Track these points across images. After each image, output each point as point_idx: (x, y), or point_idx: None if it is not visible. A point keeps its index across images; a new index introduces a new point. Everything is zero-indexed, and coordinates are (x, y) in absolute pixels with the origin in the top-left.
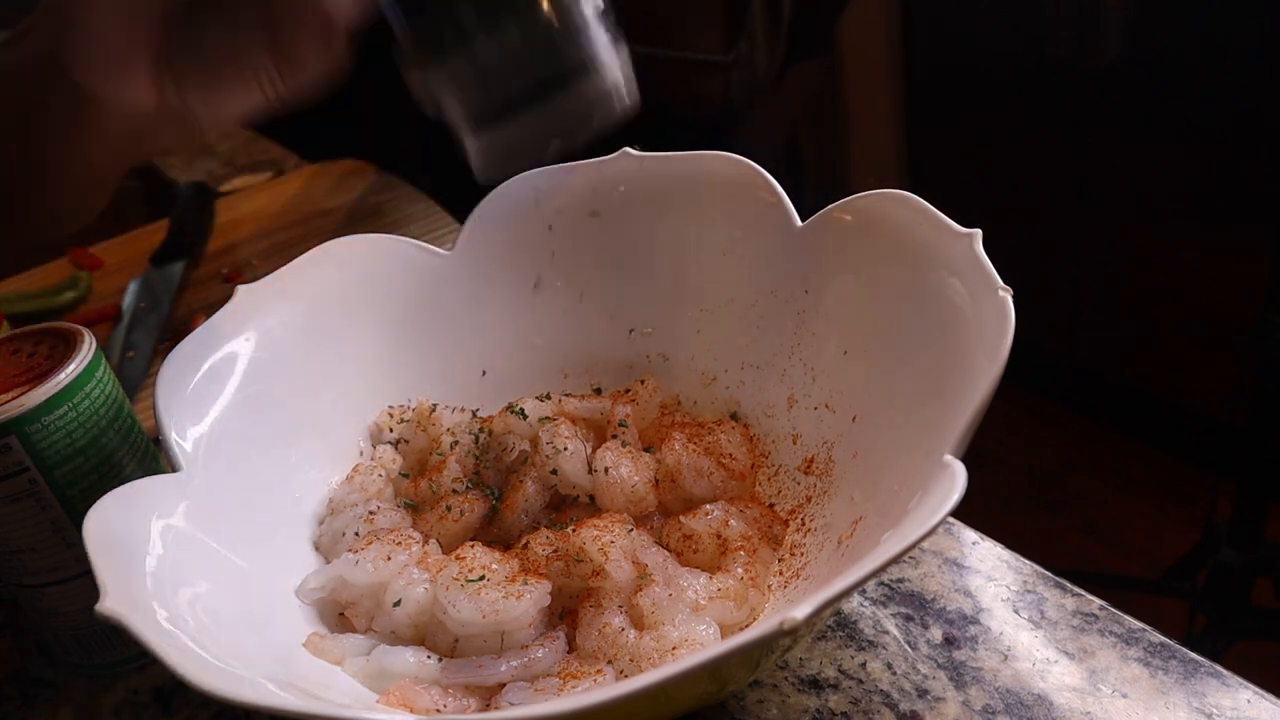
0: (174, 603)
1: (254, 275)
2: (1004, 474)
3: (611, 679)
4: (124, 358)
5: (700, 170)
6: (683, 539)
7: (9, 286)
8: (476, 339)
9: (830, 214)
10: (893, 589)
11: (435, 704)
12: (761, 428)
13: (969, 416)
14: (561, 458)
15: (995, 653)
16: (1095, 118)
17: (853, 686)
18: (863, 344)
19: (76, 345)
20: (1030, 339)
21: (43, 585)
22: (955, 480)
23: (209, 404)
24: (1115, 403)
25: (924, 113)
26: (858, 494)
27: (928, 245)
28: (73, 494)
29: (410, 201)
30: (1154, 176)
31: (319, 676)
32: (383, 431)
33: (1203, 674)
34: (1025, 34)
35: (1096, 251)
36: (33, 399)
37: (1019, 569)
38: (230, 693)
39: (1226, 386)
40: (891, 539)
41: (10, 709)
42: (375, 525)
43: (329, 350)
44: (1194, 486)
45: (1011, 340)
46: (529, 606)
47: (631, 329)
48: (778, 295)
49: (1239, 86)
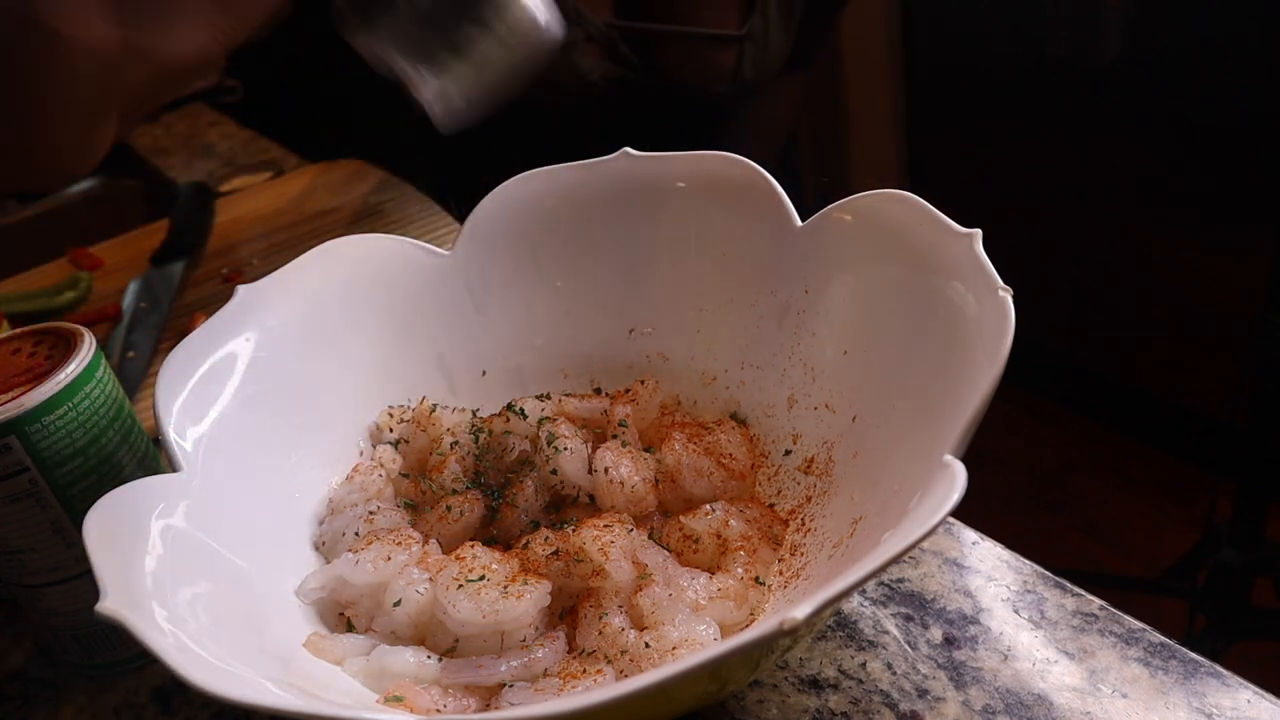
0: (174, 603)
1: (254, 275)
2: (1004, 474)
3: (611, 679)
4: (124, 358)
5: (700, 170)
6: (683, 539)
7: (9, 286)
8: (476, 339)
9: (830, 214)
10: (893, 589)
11: (435, 704)
12: (761, 428)
13: (969, 416)
14: (561, 458)
15: (995, 653)
16: (1095, 118)
17: (853, 686)
18: (863, 344)
19: (76, 345)
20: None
21: (43, 585)
22: (955, 480)
23: (209, 404)
24: (1115, 403)
25: (924, 113)
26: (858, 494)
27: (928, 245)
28: (73, 494)
29: (410, 201)
30: (1154, 176)
31: (319, 676)
32: (383, 431)
33: (1203, 674)
34: (1025, 34)
35: (1096, 251)
36: (33, 399)
37: (1019, 569)
38: (230, 693)
39: (1226, 386)
40: (891, 539)
41: (10, 709)
42: (375, 525)
43: (329, 350)
44: (1194, 486)
45: (1011, 340)
46: (529, 606)
47: (631, 329)
48: (778, 295)
49: (1239, 86)
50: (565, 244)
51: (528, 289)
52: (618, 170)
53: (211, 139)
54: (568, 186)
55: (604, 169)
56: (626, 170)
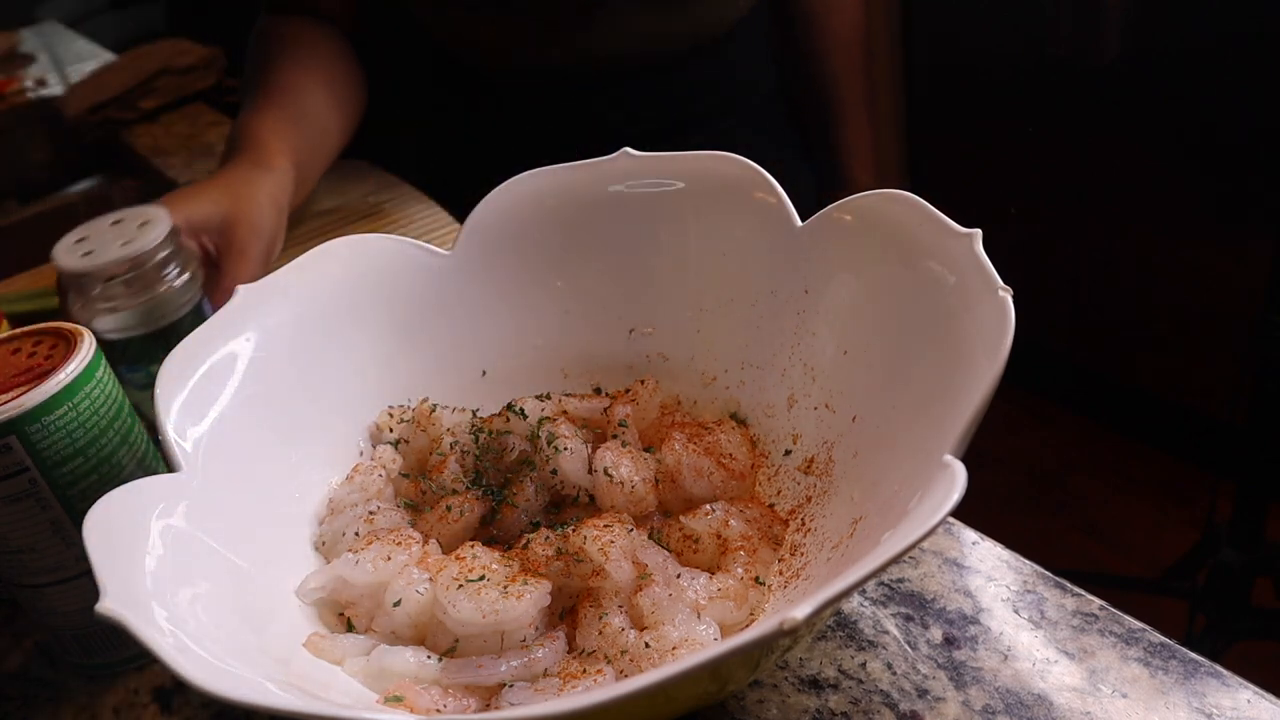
0: (174, 603)
1: None
2: (1004, 474)
3: (611, 679)
4: None
5: (700, 170)
6: (683, 539)
7: (9, 286)
8: (476, 339)
9: (830, 214)
10: (893, 589)
11: (435, 704)
12: (761, 428)
13: (969, 416)
14: (561, 458)
15: (995, 653)
16: (1095, 118)
17: (853, 686)
18: (863, 344)
19: (76, 345)
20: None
21: (43, 585)
22: (955, 480)
23: (209, 404)
24: (1115, 403)
25: (924, 113)
26: (858, 494)
27: (928, 245)
28: (73, 494)
29: (410, 201)
30: (1154, 176)
31: (319, 676)
32: (383, 431)
33: (1203, 674)
34: (1025, 34)
35: (1096, 251)
36: (33, 399)
37: (1019, 569)
38: (230, 693)
39: (1226, 386)
40: (891, 539)
41: (10, 709)
42: (375, 525)
43: (329, 350)
44: (1194, 486)
45: (1011, 340)
46: (529, 606)
47: (631, 329)
48: (778, 295)
49: (1239, 87)
50: (565, 244)
51: (528, 289)
52: (618, 170)
53: (211, 139)
54: (568, 186)
55: (604, 169)
56: (626, 170)
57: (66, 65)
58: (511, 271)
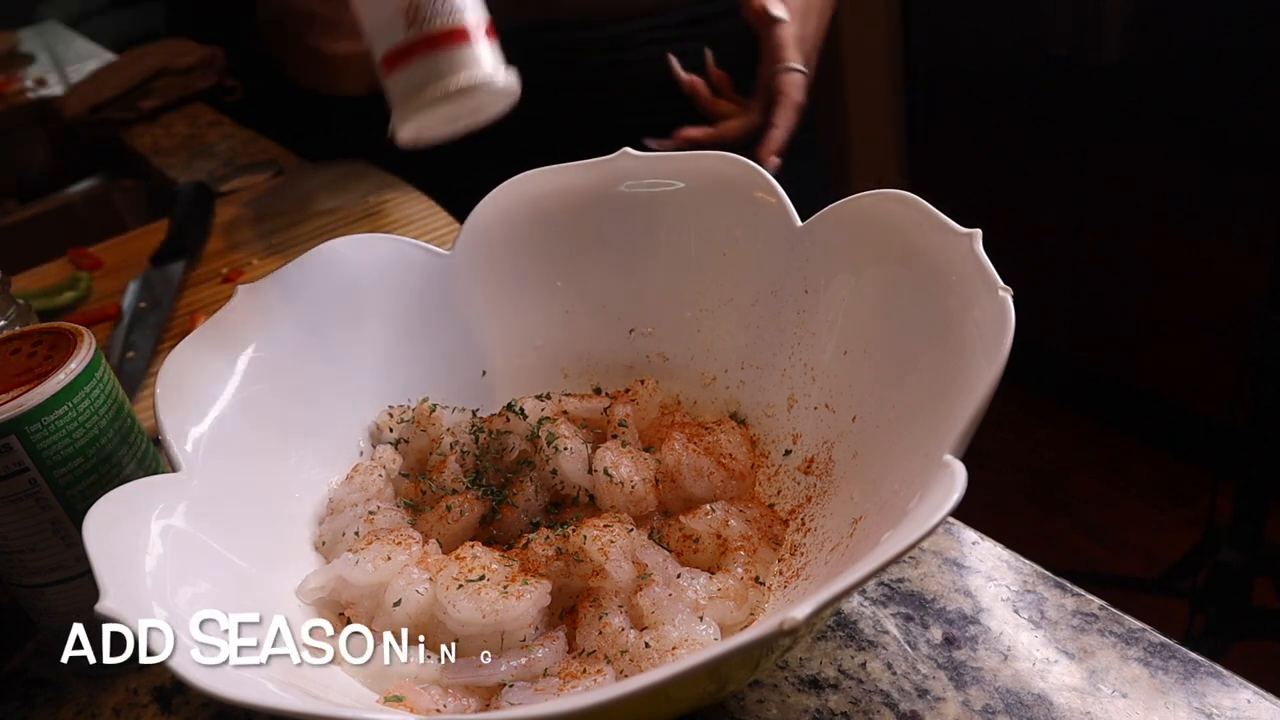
0: (174, 603)
1: (254, 275)
2: (1004, 474)
3: (611, 679)
4: (124, 358)
5: (700, 170)
6: (683, 539)
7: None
8: (476, 339)
9: (830, 214)
10: (893, 589)
11: (435, 704)
12: (761, 428)
13: (969, 416)
14: (561, 458)
15: (995, 653)
16: (1095, 118)
17: (853, 686)
18: (863, 344)
19: (76, 345)
20: (1030, 339)
21: (43, 585)
22: (955, 480)
23: (209, 404)
24: (1115, 403)
25: (924, 113)
26: (858, 494)
27: (928, 245)
28: (73, 494)
29: (410, 201)
30: (1154, 176)
31: (319, 676)
32: (383, 431)
33: (1203, 674)
34: (1025, 34)
35: (1096, 251)
36: (33, 399)
37: (1019, 569)
38: (230, 693)
39: (1226, 386)
40: (891, 539)
41: (10, 709)
42: (375, 525)
43: (329, 350)
44: (1194, 486)
45: (1011, 340)
46: (529, 606)
47: (631, 329)
48: (778, 295)
49: (1238, 87)
50: (565, 244)
51: (528, 289)
52: (618, 170)
53: (211, 139)
54: (568, 186)
55: (604, 169)
56: (626, 170)
57: (66, 65)
58: (511, 271)
